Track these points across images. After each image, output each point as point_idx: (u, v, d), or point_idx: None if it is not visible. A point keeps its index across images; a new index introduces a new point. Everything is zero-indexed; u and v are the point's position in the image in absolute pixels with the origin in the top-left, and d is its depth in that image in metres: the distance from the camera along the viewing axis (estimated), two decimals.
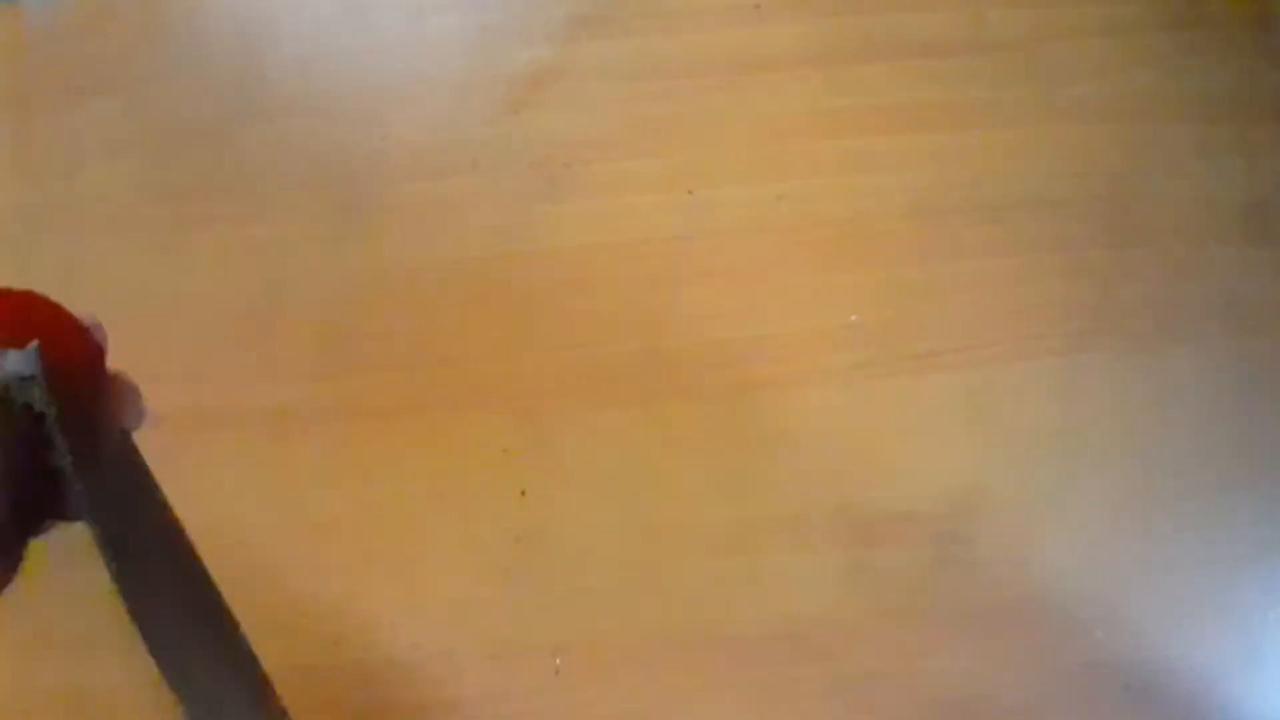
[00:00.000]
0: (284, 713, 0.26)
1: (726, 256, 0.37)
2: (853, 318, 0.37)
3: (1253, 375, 0.37)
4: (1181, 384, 0.37)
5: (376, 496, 0.35)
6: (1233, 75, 0.39)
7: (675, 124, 0.38)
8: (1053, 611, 0.35)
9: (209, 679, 0.23)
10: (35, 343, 0.18)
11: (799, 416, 0.36)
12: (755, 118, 0.38)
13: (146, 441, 0.37)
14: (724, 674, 0.33)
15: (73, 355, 0.20)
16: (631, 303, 0.36)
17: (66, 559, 0.35)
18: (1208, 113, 0.39)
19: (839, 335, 0.37)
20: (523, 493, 0.35)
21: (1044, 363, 0.37)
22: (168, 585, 0.22)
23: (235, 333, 0.37)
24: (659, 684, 0.33)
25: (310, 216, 0.37)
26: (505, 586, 0.34)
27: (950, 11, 0.39)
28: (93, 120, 0.38)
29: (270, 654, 0.25)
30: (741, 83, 0.38)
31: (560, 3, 0.38)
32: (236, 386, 0.36)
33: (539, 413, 0.36)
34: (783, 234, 0.37)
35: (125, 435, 0.21)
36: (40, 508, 0.18)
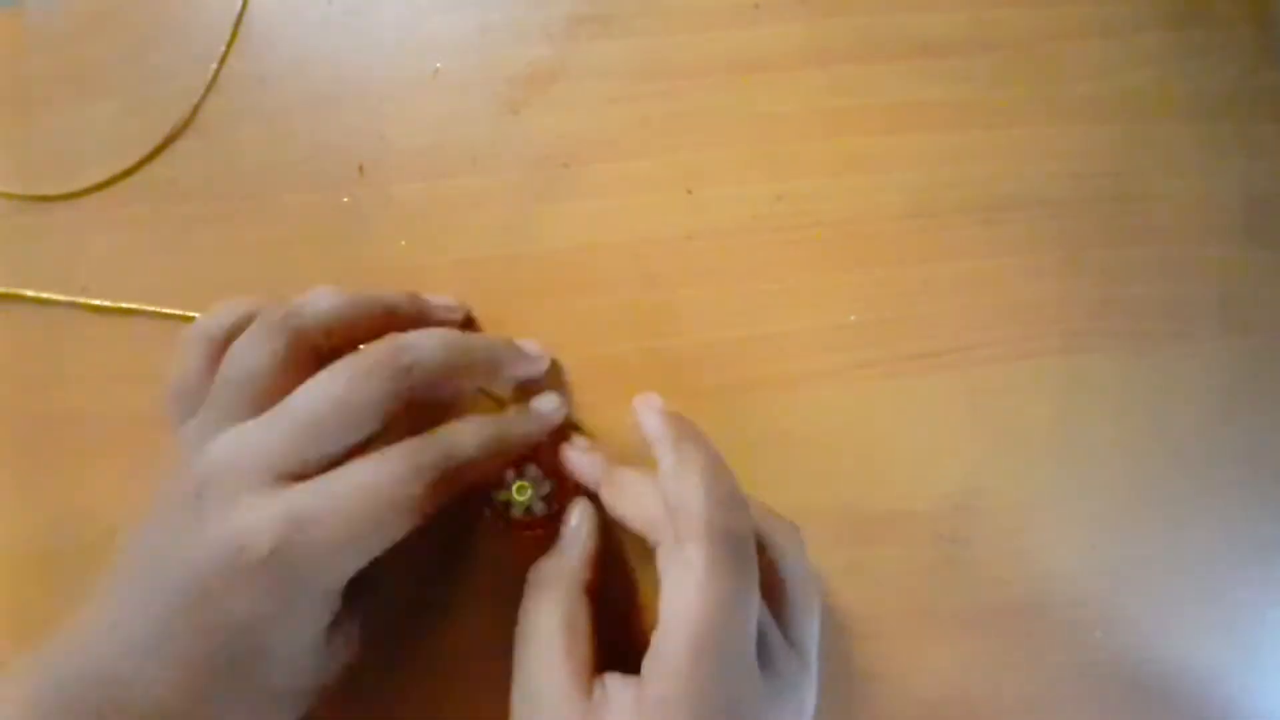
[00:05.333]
0: None
1: (726, 256, 0.37)
2: (852, 318, 0.37)
3: (1252, 375, 0.37)
4: (1181, 384, 0.37)
5: None
6: (1233, 75, 0.39)
7: (675, 124, 0.38)
8: (1053, 611, 0.35)
9: None
10: None
11: (799, 416, 0.36)
12: (755, 118, 0.38)
13: (149, 439, 0.37)
14: None
15: None
16: (631, 303, 0.36)
17: (66, 557, 0.35)
18: (1208, 112, 0.39)
19: (838, 335, 0.37)
20: None
21: (1044, 363, 0.37)
22: None
23: None
24: None
25: (310, 216, 0.37)
26: None
27: (950, 11, 0.39)
28: (93, 120, 0.38)
29: None
30: (741, 83, 0.38)
31: (560, 3, 0.39)
32: None
33: None
34: (783, 234, 0.37)
35: None
36: None
